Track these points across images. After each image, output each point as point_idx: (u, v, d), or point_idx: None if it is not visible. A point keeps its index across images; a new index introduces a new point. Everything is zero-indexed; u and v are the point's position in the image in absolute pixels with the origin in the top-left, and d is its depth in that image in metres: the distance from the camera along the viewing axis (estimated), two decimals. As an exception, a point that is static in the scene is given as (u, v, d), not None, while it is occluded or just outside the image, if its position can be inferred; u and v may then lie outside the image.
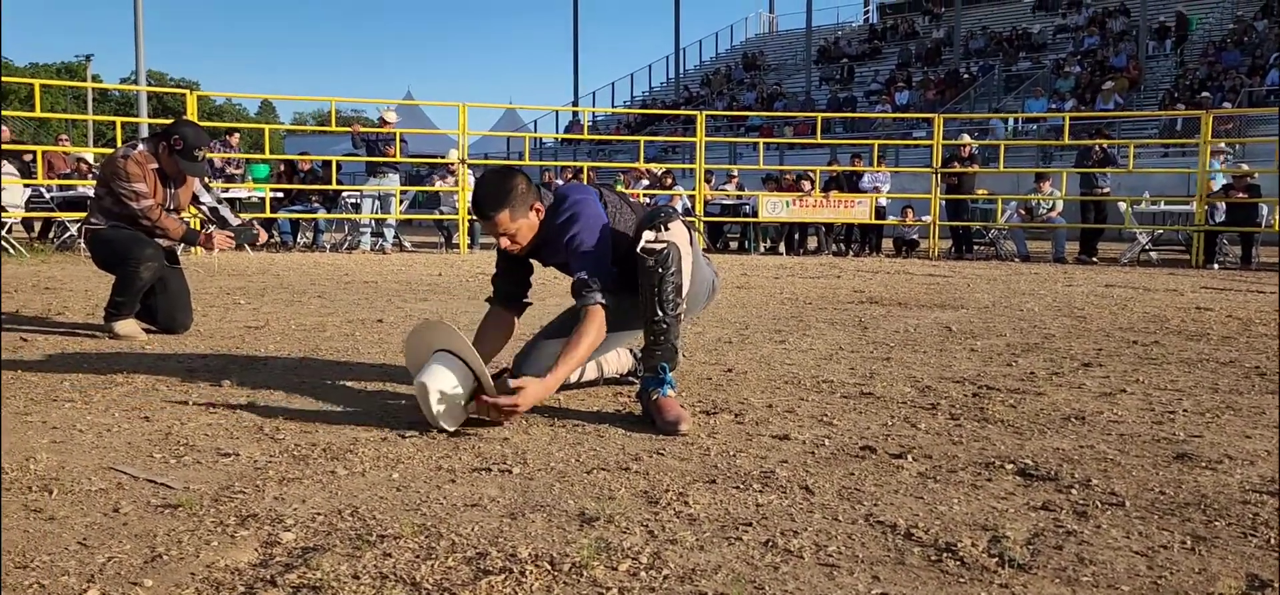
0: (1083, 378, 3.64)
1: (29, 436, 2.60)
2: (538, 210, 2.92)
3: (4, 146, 11.61)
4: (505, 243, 2.92)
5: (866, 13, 39.20)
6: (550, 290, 5.51)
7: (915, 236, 13.12)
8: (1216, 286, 7.91)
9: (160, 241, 4.70)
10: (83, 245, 9.94)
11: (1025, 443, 2.64)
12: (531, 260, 3.10)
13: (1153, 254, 11.64)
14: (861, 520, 1.99)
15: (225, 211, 5.01)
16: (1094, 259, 11.45)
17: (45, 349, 4.08)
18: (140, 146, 4.69)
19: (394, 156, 11.93)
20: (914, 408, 3.08)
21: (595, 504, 2.07)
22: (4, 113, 16.01)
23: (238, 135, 13.77)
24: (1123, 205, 12.45)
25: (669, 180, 14.06)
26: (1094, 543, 1.87)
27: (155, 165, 4.63)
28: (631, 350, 3.49)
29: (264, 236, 5.22)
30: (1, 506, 2.02)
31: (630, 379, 3.46)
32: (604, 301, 2.84)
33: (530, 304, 3.19)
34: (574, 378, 3.20)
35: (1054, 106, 22.62)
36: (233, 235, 4.87)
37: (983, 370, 3.78)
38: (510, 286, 3.13)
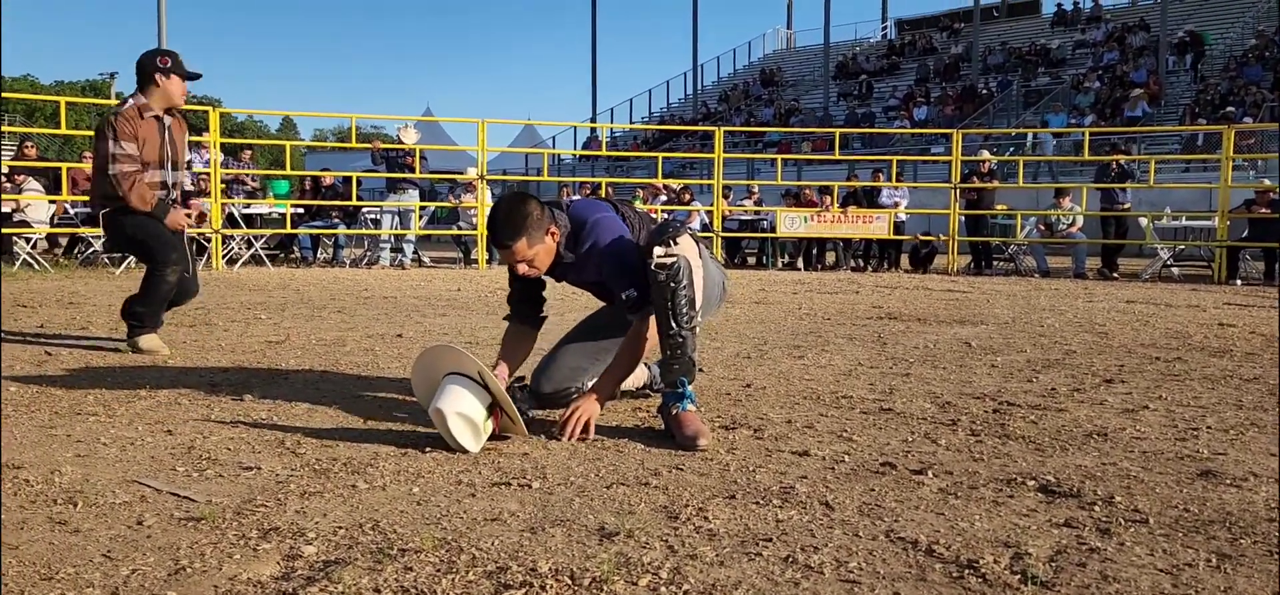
0: (1105, 394, 3.61)
1: (54, 450, 2.63)
2: (553, 234, 2.94)
3: (30, 163, 11.76)
4: (523, 269, 2.94)
5: (884, 28, 39.22)
6: (568, 304, 5.52)
7: (930, 235, 13.05)
8: (1239, 302, 7.84)
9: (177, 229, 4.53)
10: (102, 240, 10.06)
11: (1047, 459, 2.62)
12: (545, 276, 3.12)
13: (1174, 269, 11.55)
14: (882, 536, 1.98)
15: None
16: (1115, 274, 11.37)
17: (69, 363, 4.12)
18: (129, 102, 4.41)
19: (413, 173, 12.00)
20: (934, 424, 3.07)
21: (615, 519, 2.07)
22: (31, 130, 16.21)
23: (252, 152, 13.91)
24: (1144, 221, 12.36)
25: (687, 196, 14.08)
26: (1118, 560, 1.85)
27: (153, 112, 4.40)
28: (647, 363, 3.51)
29: (204, 211, 5.03)
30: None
31: (648, 392, 3.47)
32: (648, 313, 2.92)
33: (546, 318, 3.22)
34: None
35: (1074, 121, 22.52)
36: (189, 213, 4.63)
37: (1003, 386, 3.76)
38: (527, 306, 3.18)
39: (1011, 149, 21.17)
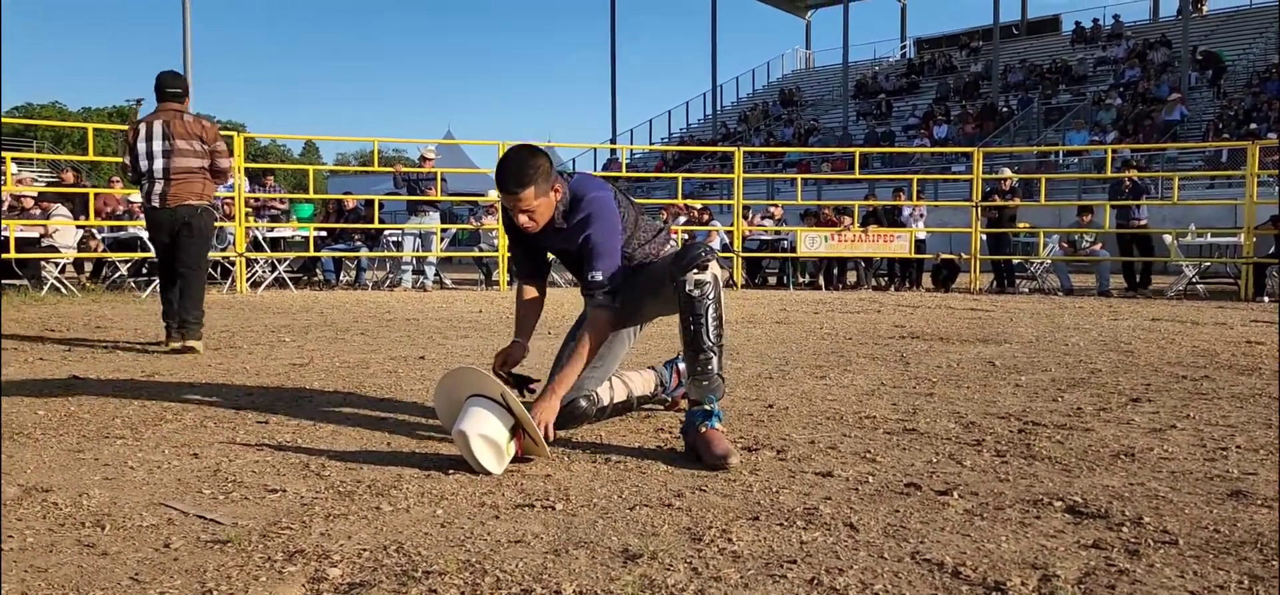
0: (1131, 413, 3.58)
1: (82, 473, 2.66)
2: (557, 191, 3.00)
3: (64, 189, 11.93)
4: (523, 220, 2.97)
5: (903, 47, 39.18)
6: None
7: (953, 256, 12.99)
8: (1267, 320, 7.75)
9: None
10: (127, 264, 10.21)
11: (1074, 480, 2.59)
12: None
13: (1200, 287, 11.44)
14: (908, 558, 1.97)
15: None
16: (1147, 290, 11.30)
17: (96, 387, 4.16)
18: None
19: (434, 195, 12.08)
20: (959, 444, 3.05)
21: (639, 540, 2.07)
22: (59, 157, 16.43)
23: (273, 177, 14.06)
24: (1168, 238, 12.26)
25: (706, 216, 14.08)
26: (1147, 582, 1.83)
27: (158, 120, 5.54)
28: (654, 367, 3.52)
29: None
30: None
31: (660, 402, 3.48)
32: (614, 307, 3.00)
33: (550, 271, 3.33)
34: (607, 400, 3.22)
35: (1096, 139, 22.39)
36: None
37: (1028, 406, 3.74)
38: (531, 265, 3.27)
39: (1034, 165, 21.06)
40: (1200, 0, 32.14)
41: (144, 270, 10.95)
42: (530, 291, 3.28)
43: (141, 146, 5.51)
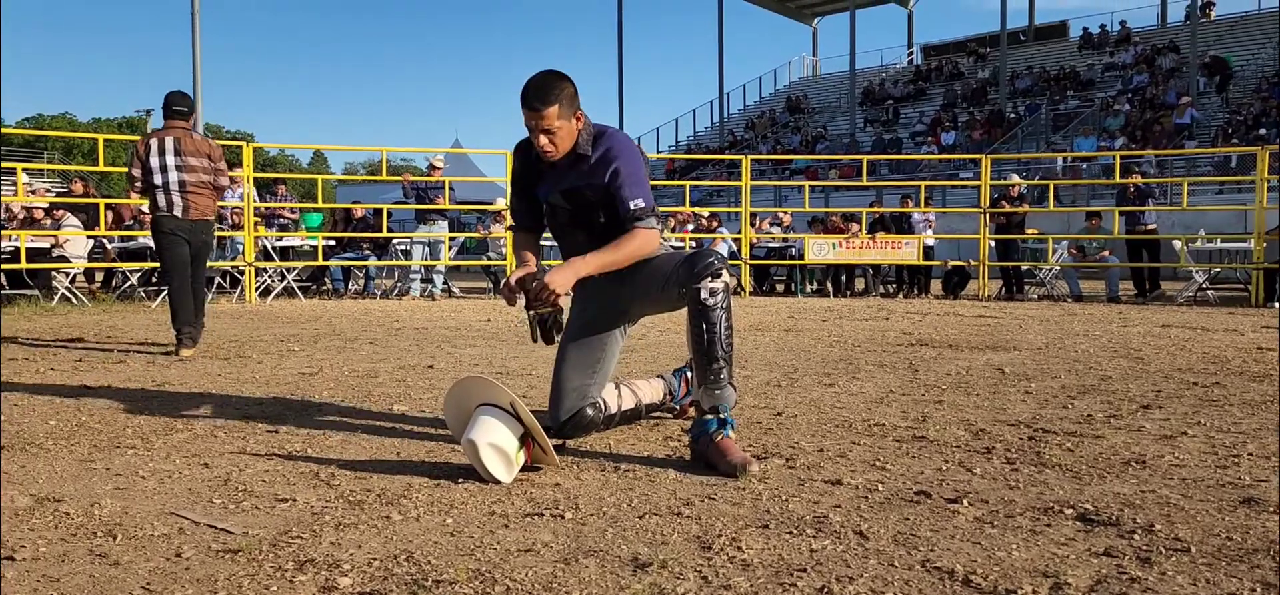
0: (1142, 420, 3.57)
1: (94, 483, 2.67)
2: (579, 119, 2.98)
3: (74, 200, 11.99)
4: (543, 142, 2.93)
5: (910, 54, 39.17)
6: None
7: (962, 262, 12.97)
8: (1278, 326, 7.71)
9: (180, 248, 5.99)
10: (138, 274, 10.26)
11: (1084, 487, 2.58)
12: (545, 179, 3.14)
13: (1210, 293, 11.40)
14: (918, 566, 1.96)
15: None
16: (1157, 296, 11.26)
17: (107, 397, 4.18)
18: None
19: (443, 204, 12.11)
20: (968, 451, 3.04)
21: (648, 549, 2.07)
22: (70, 167, 16.52)
23: (285, 185, 14.11)
24: (1177, 243, 12.22)
25: (714, 224, 14.09)
26: (1159, 590, 1.83)
27: (169, 136, 5.94)
28: (662, 375, 3.51)
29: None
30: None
31: (668, 411, 3.48)
32: (659, 230, 2.97)
33: (545, 224, 3.25)
34: (615, 408, 3.21)
35: (1104, 145, 22.34)
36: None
37: (1038, 413, 3.72)
38: (530, 218, 3.22)
39: (1039, 174, 21.02)
40: (1208, 6, 32.07)
41: (154, 280, 11.00)
42: (531, 238, 3.24)
43: (154, 160, 5.88)
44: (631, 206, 2.94)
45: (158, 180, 5.86)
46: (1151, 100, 25.34)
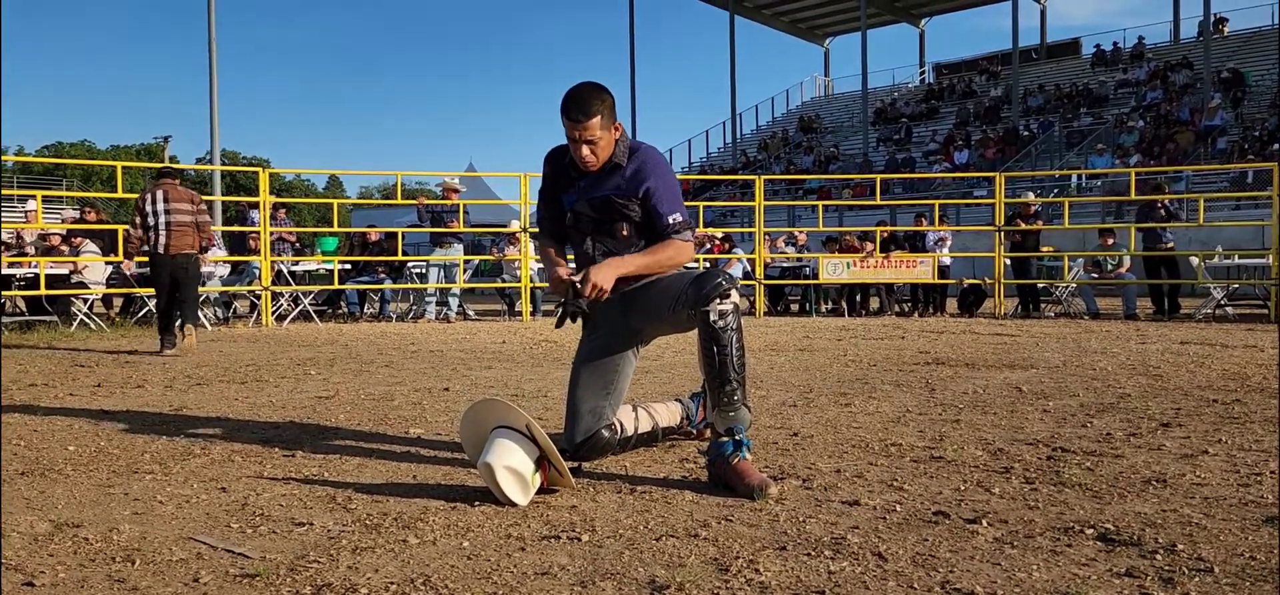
0: (1162, 439, 3.53)
1: (112, 508, 2.68)
2: (618, 129, 3.03)
3: (91, 226, 12.10)
4: (585, 152, 2.97)
5: (923, 73, 39.16)
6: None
7: (979, 280, 12.91)
8: (1299, 342, 7.64)
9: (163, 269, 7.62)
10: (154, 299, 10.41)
11: (1105, 507, 2.56)
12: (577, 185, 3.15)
13: (1228, 309, 11.31)
14: (937, 588, 1.95)
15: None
16: (1175, 313, 11.19)
17: (125, 422, 4.20)
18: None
19: (457, 227, 12.16)
20: (987, 471, 3.02)
21: (665, 571, 2.06)
22: (89, 194, 16.68)
23: (284, 210, 14.19)
24: (1195, 260, 12.14)
25: (728, 245, 14.09)
26: (1183, 611, 1.80)
27: (159, 188, 7.63)
28: (679, 399, 3.50)
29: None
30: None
31: (685, 434, 3.46)
32: (693, 244, 3.04)
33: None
34: (632, 430, 3.20)
35: (1119, 161, 22.26)
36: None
37: (1057, 432, 3.70)
38: (556, 227, 3.25)
39: (1055, 191, 20.95)
40: (1221, 21, 31.95)
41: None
42: (557, 248, 3.27)
43: (148, 207, 7.65)
44: (670, 221, 3.01)
45: (151, 222, 7.62)
46: (1166, 116, 25.23)
